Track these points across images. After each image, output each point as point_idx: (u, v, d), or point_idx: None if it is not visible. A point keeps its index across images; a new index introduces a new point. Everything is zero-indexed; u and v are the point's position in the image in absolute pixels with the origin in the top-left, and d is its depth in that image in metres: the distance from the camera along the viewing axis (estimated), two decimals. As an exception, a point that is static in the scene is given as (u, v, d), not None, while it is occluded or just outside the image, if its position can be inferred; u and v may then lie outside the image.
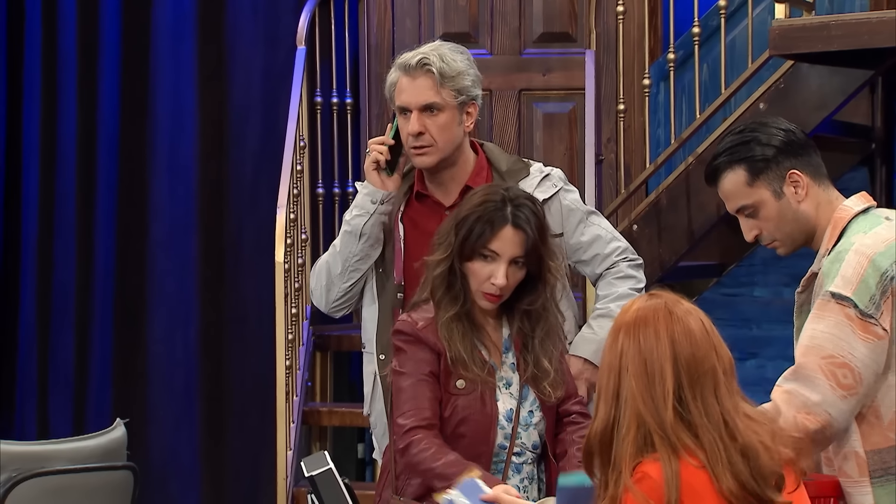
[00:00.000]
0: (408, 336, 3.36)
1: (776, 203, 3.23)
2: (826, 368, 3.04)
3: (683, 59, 5.74)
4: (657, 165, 5.57)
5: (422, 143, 3.75)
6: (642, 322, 2.67)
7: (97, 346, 6.26)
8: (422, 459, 3.25)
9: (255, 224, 6.10)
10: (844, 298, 3.06)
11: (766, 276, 5.83)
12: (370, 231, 3.80)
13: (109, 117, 6.27)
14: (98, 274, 6.27)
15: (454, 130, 3.78)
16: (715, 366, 2.65)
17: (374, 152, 3.80)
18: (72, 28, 6.27)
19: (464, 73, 3.78)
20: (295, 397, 5.46)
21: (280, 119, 5.80)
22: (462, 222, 3.33)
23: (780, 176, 3.21)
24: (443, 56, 3.76)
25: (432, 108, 3.75)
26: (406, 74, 3.76)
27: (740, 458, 2.59)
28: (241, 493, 6.13)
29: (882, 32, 4.49)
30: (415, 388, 3.32)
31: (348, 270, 3.84)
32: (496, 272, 3.30)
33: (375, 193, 3.80)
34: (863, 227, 3.16)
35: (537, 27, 6.22)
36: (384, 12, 6.28)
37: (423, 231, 3.79)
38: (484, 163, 3.86)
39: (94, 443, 3.33)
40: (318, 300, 3.95)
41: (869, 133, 5.69)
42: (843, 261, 3.09)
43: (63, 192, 6.29)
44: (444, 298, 3.34)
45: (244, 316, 6.15)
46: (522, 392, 3.38)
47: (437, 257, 3.35)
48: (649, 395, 2.62)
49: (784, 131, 3.23)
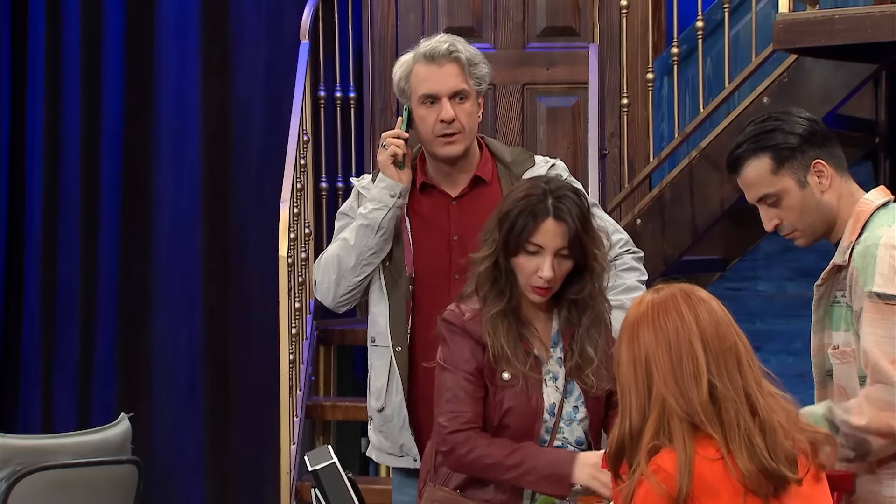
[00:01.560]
0: (454, 326, 3.36)
1: (800, 192, 3.20)
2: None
3: (687, 53, 5.73)
4: (661, 160, 5.57)
5: (453, 130, 3.76)
6: (662, 309, 2.68)
7: (101, 340, 6.26)
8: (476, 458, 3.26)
9: (258, 218, 6.10)
10: (891, 297, 3.05)
11: (769, 270, 5.83)
12: (388, 225, 3.80)
13: (113, 112, 6.27)
14: (102, 268, 6.27)
15: (475, 119, 3.82)
16: (737, 341, 2.67)
17: (392, 146, 3.80)
18: (75, 23, 6.27)
19: (483, 63, 3.83)
20: (298, 391, 5.46)
21: (283, 113, 5.80)
22: (505, 217, 3.32)
23: (805, 165, 3.19)
24: (465, 45, 3.82)
25: (461, 94, 3.77)
26: (431, 63, 3.77)
27: (758, 432, 2.61)
28: (245, 487, 6.13)
29: (886, 26, 4.48)
30: (457, 387, 3.32)
31: (361, 265, 3.83)
32: (542, 265, 3.30)
33: (394, 187, 3.79)
34: (885, 220, 3.15)
35: (541, 21, 6.21)
36: (388, 6, 6.28)
37: (431, 223, 3.80)
38: (488, 154, 3.87)
39: (99, 437, 3.33)
40: (323, 294, 3.93)
41: (873, 127, 5.69)
42: (876, 256, 3.07)
43: (67, 187, 6.29)
44: (490, 294, 3.34)
45: (248, 310, 6.15)
46: (567, 387, 3.38)
47: (483, 254, 3.34)
48: (674, 377, 2.63)
49: (808, 121, 3.21)
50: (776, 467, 2.60)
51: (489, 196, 3.77)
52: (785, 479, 2.61)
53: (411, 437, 3.82)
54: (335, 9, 6.13)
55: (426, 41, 3.83)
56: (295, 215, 5.46)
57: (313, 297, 5.83)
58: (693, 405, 2.62)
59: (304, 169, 5.65)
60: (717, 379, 2.63)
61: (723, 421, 2.62)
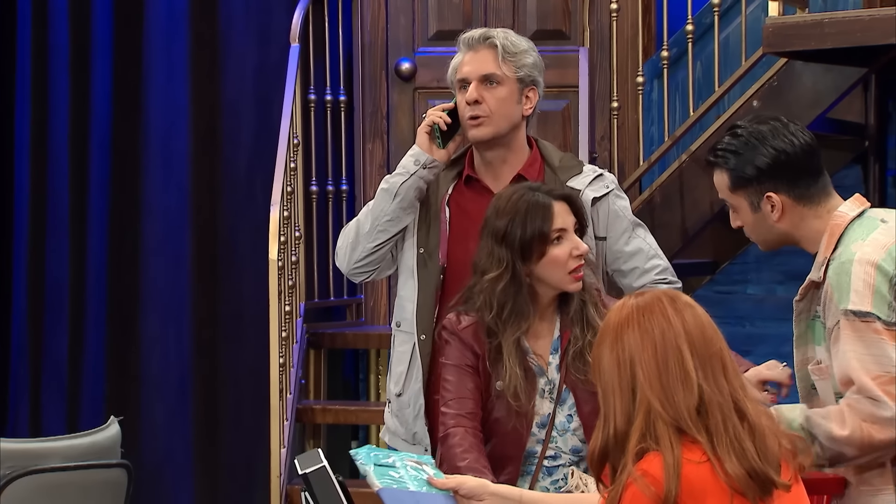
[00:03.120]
0: (450, 332, 3.41)
1: (752, 214, 3.24)
2: (882, 388, 3.03)
3: (677, 56, 5.74)
4: (651, 163, 5.58)
5: (478, 113, 3.78)
6: (647, 312, 2.67)
7: (90, 343, 6.25)
8: (451, 455, 3.29)
9: (248, 221, 6.10)
10: (867, 315, 3.05)
11: (759, 273, 5.83)
12: (405, 192, 3.82)
13: (102, 114, 6.26)
14: (91, 271, 6.26)
15: (512, 107, 3.82)
16: (721, 347, 2.67)
17: (432, 116, 3.84)
18: (63, 24, 6.26)
19: (527, 52, 3.86)
20: (289, 395, 5.46)
21: (274, 116, 5.79)
22: (507, 232, 3.32)
23: (759, 194, 3.21)
24: (507, 34, 3.86)
25: (491, 79, 3.80)
26: (469, 49, 3.85)
27: (748, 437, 2.60)
28: (235, 491, 6.12)
29: (875, 30, 4.50)
30: (458, 380, 3.37)
31: (376, 230, 3.84)
32: (575, 244, 3.34)
33: (421, 156, 3.83)
34: (860, 233, 3.15)
35: (531, 24, 6.21)
36: (378, 9, 6.28)
37: (470, 215, 3.80)
38: (537, 155, 3.89)
39: (89, 440, 3.33)
40: (340, 260, 3.96)
41: (862, 131, 5.69)
42: (851, 273, 3.08)
43: (55, 190, 6.28)
44: (511, 316, 3.33)
45: (238, 313, 6.15)
46: (561, 395, 3.38)
47: (493, 275, 3.33)
48: (660, 381, 2.62)
49: (776, 152, 3.19)
50: (765, 471, 2.60)
51: None
52: (773, 483, 2.61)
53: (425, 427, 3.84)
54: (325, 12, 6.12)
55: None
56: (285, 218, 5.46)
57: (303, 301, 5.83)
58: (679, 409, 2.61)
59: (294, 172, 5.65)
60: (705, 383, 2.63)
61: (708, 425, 2.61)
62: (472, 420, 3.34)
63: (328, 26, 6.14)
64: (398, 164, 3.92)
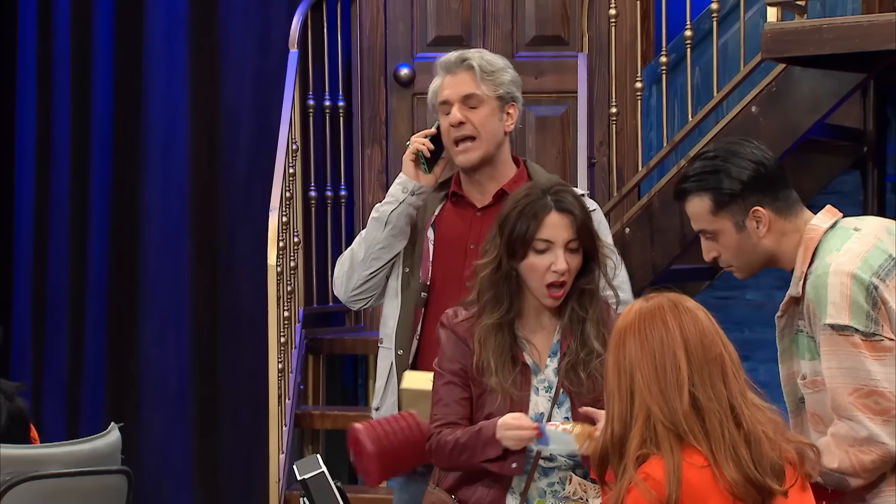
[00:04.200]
0: (444, 328, 3.41)
1: (737, 235, 3.21)
2: (858, 402, 3.03)
3: (676, 62, 5.75)
4: (649, 168, 5.58)
5: (464, 133, 3.81)
6: (648, 318, 2.69)
7: (90, 348, 6.25)
8: (444, 444, 3.30)
9: (247, 227, 6.10)
10: (845, 328, 3.04)
11: (757, 279, 5.79)
12: (396, 220, 3.85)
13: (103, 120, 6.27)
14: (91, 276, 6.26)
15: (495, 125, 3.85)
16: (722, 352, 2.68)
17: (416, 143, 3.88)
18: (65, 31, 6.26)
19: (503, 70, 3.90)
20: (287, 400, 5.46)
21: (273, 122, 5.80)
22: (506, 221, 3.34)
23: (744, 210, 3.18)
24: (483, 55, 3.91)
25: (472, 99, 3.83)
26: (447, 73, 3.88)
27: (743, 444, 2.61)
28: (234, 496, 6.12)
29: (874, 36, 4.50)
30: (445, 392, 3.37)
31: (370, 258, 3.89)
32: (555, 259, 3.30)
33: (408, 183, 3.86)
34: (834, 244, 3.14)
35: (530, 30, 6.22)
36: (376, 15, 6.28)
37: (453, 232, 3.86)
38: (524, 174, 3.91)
39: (89, 447, 3.32)
40: (338, 288, 4.00)
41: (861, 136, 5.70)
42: (827, 286, 3.07)
43: (56, 195, 6.28)
44: (490, 303, 3.34)
45: (237, 319, 6.15)
46: (559, 397, 3.38)
47: (485, 260, 3.36)
48: (658, 387, 2.65)
49: (754, 164, 3.18)
50: (762, 479, 2.61)
51: None
52: (770, 491, 2.62)
53: None
54: (324, 18, 6.13)
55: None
56: (284, 224, 5.46)
57: (302, 306, 5.83)
58: (677, 415, 2.63)
59: (293, 178, 5.65)
60: (701, 390, 2.64)
61: (707, 431, 2.63)
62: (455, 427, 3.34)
63: (327, 32, 6.15)
64: (398, 171, 3.95)
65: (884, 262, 3.11)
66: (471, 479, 3.36)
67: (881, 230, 3.20)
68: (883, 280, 3.08)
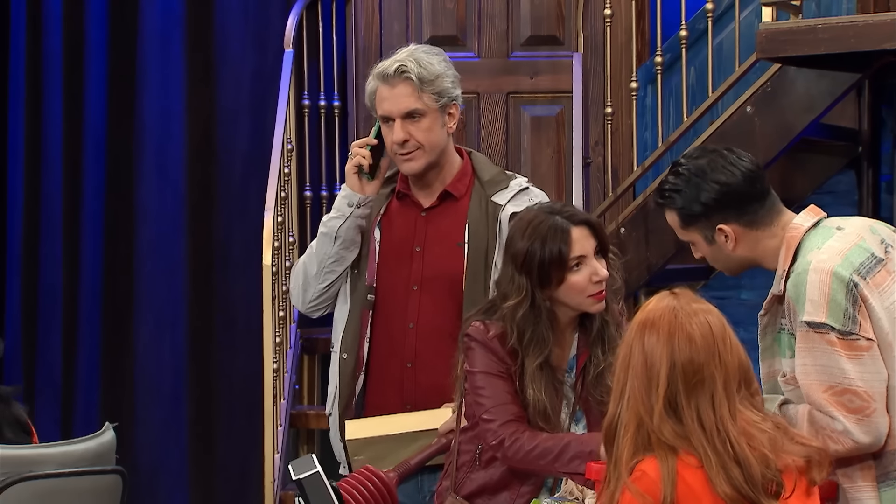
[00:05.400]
0: (478, 342, 3.37)
1: (708, 247, 3.26)
2: (832, 400, 3.04)
3: (671, 62, 5.74)
4: (644, 168, 5.58)
5: (408, 150, 3.76)
6: (650, 323, 2.71)
7: (84, 349, 6.24)
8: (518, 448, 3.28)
9: (242, 227, 6.10)
10: (821, 325, 3.06)
11: (752, 279, 5.83)
12: (345, 234, 3.81)
13: (96, 119, 6.26)
14: (85, 277, 6.25)
15: (438, 133, 3.79)
16: (714, 373, 2.68)
17: (357, 156, 3.81)
18: (57, 29, 6.25)
19: (442, 76, 3.78)
20: (282, 400, 5.45)
21: (268, 122, 5.79)
22: (526, 259, 3.30)
23: (710, 227, 3.23)
24: (419, 61, 3.77)
25: (414, 114, 3.75)
26: (385, 83, 3.77)
27: (734, 464, 2.61)
28: (229, 496, 6.12)
29: (869, 35, 4.50)
30: (493, 386, 3.33)
31: (323, 272, 3.85)
32: (594, 269, 3.32)
33: (353, 197, 3.82)
34: (815, 242, 3.16)
35: (525, 30, 6.22)
36: (371, 15, 6.28)
37: (399, 232, 3.82)
38: (468, 169, 3.86)
39: (84, 447, 3.32)
40: (295, 300, 3.98)
41: (856, 136, 5.70)
42: (807, 283, 3.09)
43: (49, 195, 6.27)
44: (532, 344, 3.32)
45: (232, 319, 6.15)
46: (576, 414, 3.40)
47: (513, 302, 3.31)
48: (647, 397, 2.65)
49: (719, 185, 3.20)
50: (756, 497, 2.62)
51: (457, 211, 3.78)
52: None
53: (340, 444, 3.84)
54: (319, 17, 6.13)
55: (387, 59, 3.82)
56: (279, 224, 5.46)
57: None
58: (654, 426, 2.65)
59: (289, 177, 5.65)
60: (685, 409, 2.65)
61: (694, 449, 2.64)
62: (520, 422, 3.32)
63: (322, 32, 6.15)
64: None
65: (865, 261, 3.12)
66: (493, 489, 3.38)
67: (864, 229, 3.21)
68: (864, 278, 3.09)
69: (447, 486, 3.44)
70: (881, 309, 3.09)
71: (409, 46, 3.87)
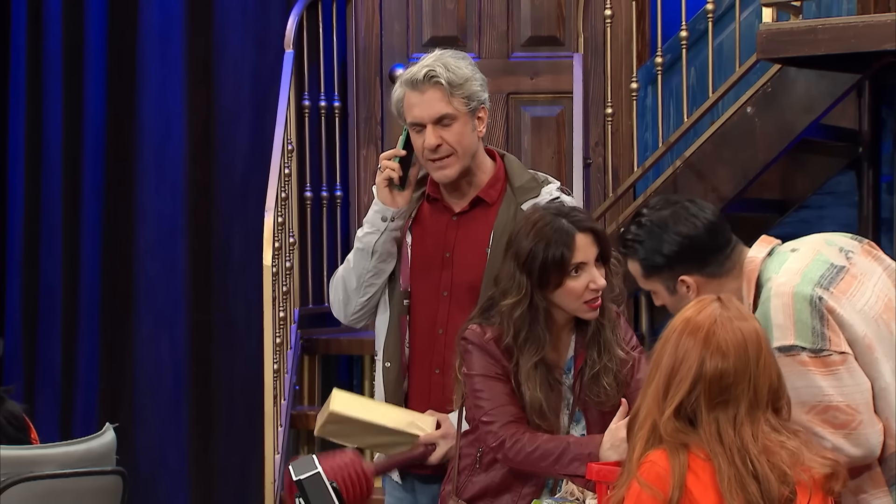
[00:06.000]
0: (475, 345, 3.38)
1: (670, 297, 3.24)
2: (817, 419, 3.03)
3: (671, 62, 5.75)
4: (645, 169, 5.59)
5: (440, 155, 3.70)
6: (689, 326, 2.72)
7: (84, 349, 6.24)
8: (519, 449, 3.29)
9: (243, 227, 6.10)
10: (791, 348, 3.04)
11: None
12: (381, 248, 3.77)
13: (96, 119, 6.26)
14: (85, 277, 6.25)
15: (469, 137, 3.73)
16: (740, 397, 2.67)
17: (387, 169, 3.75)
18: (57, 29, 6.25)
19: (471, 79, 3.74)
20: (283, 401, 5.46)
21: (268, 122, 5.79)
22: (529, 258, 3.30)
23: (672, 278, 3.21)
24: (447, 65, 3.72)
25: (445, 119, 3.70)
26: (414, 90, 3.71)
27: (752, 480, 2.61)
28: (229, 497, 6.12)
29: (869, 36, 4.50)
30: (492, 388, 3.34)
31: (363, 286, 3.81)
32: (593, 278, 3.31)
33: (386, 211, 3.76)
34: (773, 268, 3.14)
35: (525, 31, 6.22)
36: (372, 16, 6.28)
37: (430, 238, 3.77)
38: (501, 174, 3.79)
39: (84, 447, 3.32)
40: (336, 313, 3.92)
41: (856, 137, 5.70)
42: (770, 309, 3.07)
43: (49, 195, 6.27)
44: (527, 343, 3.33)
45: (232, 319, 6.15)
46: (575, 415, 3.40)
47: (511, 300, 3.32)
48: (663, 398, 2.67)
49: (681, 238, 3.18)
50: None
51: (488, 217, 3.74)
52: None
53: None
54: (320, 18, 6.13)
55: (414, 64, 3.78)
56: (279, 224, 5.46)
57: (297, 307, 5.83)
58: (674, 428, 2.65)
59: (289, 178, 5.65)
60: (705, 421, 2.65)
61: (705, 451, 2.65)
62: (520, 424, 3.33)
63: (322, 32, 6.15)
64: None
65: (825, 272, 3.10)
66: (495, 492, 3.38)
67: (820, 244, 3.20)
68: (827, 289, 3.07)
69: (449, 490, 3.44)
70: (854, 313, 3.07)
71: (435, 52, 3.81)
